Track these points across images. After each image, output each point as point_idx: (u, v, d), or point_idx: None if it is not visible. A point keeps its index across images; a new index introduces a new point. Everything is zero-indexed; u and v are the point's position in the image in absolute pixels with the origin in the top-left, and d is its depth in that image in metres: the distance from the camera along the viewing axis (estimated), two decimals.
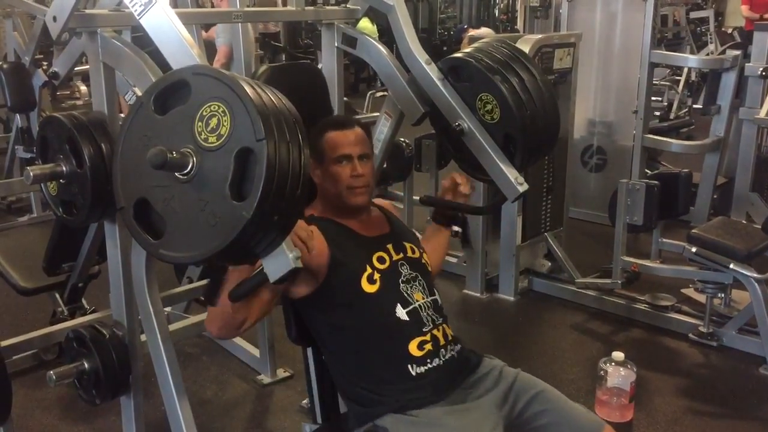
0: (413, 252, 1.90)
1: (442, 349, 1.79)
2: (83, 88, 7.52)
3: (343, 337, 1.79)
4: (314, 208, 1.88)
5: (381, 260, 1.81)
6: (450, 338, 1.83)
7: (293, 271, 1.36)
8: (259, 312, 1.66)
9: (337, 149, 1.83)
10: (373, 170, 1.90)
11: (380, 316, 1.76)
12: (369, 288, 1.77)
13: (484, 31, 6.56)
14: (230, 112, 1.29)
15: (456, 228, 2.13)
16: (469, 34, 6.39)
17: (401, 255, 1.86)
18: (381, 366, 1.75)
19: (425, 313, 1.80)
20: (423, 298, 1.82)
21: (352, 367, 1.79)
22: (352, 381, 1.79)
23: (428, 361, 1.75)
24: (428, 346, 1.76)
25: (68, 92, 8.38)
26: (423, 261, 1.91)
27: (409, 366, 1.74)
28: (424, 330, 1.77)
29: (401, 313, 1.77)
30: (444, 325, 1.83)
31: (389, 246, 1.85)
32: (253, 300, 1.61)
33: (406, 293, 1.80)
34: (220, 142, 1.29)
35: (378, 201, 2.04)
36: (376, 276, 1.78)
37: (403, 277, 1.82)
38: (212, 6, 6.39)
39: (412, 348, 1.75)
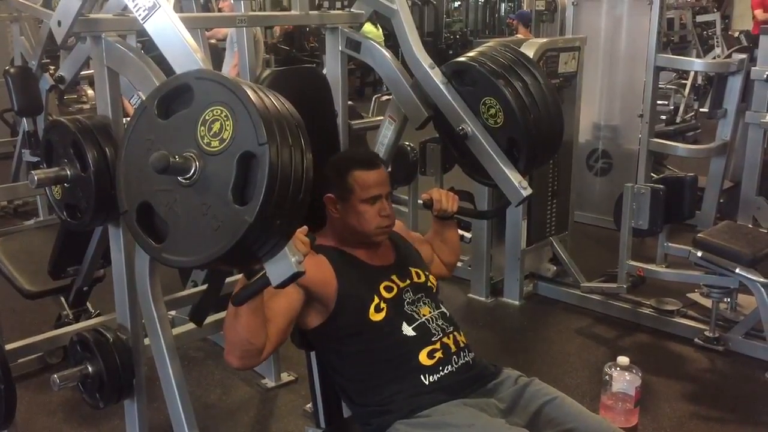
0: (418, 277, 1.91)
1: (454, 356, 1.78)
2: (90, 92, 7.54)
3: (353, 362, 1.80)
4: (322, 237, 1.88)
5: (388, 289, 1.82)
6: (462, 345, 1.83)
7: (296, 275, 1.36)
8: (277, 337, 1.65)
9: (368, 189, 1.84)
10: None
11: (387, 339, 1.77)
12: (376, 317, 1.78)
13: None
14: (233, 116, 1.29)
15: (462, 232, 2.13)
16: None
17: (408, 282, 1.87)
18: (393, 382, 1.74)
19: (433, 324, 1.81)
20: (430, 312, 1.83)
21: (365, 389, 1.78)
22: (365, 401, 1.78)
23: (440, 368, 1.75)
24: (438, 354, 1.76)
25: (75, 96, 8.42)
26: (429, 284, 1.93)
27: (422, 376, 1.73)
28: (432, 339, 1.78)
29: (407, 330, 1.78)
30: (455, 333, 1.83)
31: (394, 276, 1.86)
32: (269, 324, 1.62)
33: (411, 311, 1.81)
34: (222, 146, 1.29)
35: None
36: (383, 305, 1.79)
37: (409, 299, 1.83)
38: (218, 10, 6.40)
39: (423, 358, 1.75)
